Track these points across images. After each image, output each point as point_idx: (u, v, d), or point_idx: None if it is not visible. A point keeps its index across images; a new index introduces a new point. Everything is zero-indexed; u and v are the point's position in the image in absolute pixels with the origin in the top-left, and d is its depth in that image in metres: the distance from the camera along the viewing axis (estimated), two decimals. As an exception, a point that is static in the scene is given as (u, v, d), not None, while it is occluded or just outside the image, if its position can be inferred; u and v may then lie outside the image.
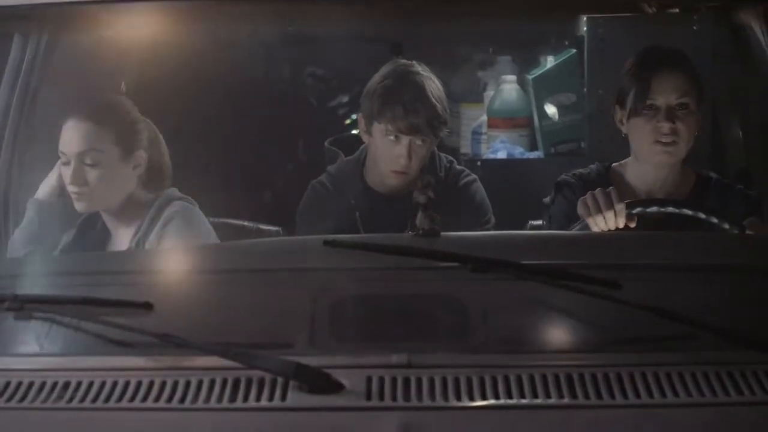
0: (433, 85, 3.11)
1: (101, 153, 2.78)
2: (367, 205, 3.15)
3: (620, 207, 2.70)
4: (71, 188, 2.80)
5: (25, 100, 3.04)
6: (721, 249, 2.30)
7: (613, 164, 3.03)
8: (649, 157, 2.92)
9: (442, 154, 3.27)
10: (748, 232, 2.65)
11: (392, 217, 3.02)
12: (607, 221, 2.69)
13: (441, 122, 3.10)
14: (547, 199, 3.05)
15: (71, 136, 2.80)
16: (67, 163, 2.80)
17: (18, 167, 3.05)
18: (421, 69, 3.14)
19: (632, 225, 2.71)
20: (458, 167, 3.28)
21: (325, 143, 3.59)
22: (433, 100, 3.08)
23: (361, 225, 3.11)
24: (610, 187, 2.75)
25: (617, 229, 2.70)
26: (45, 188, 2.95)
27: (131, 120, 2.86)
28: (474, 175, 3.26)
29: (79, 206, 2.84)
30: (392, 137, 3.07)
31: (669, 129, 2.85)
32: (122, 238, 2.86)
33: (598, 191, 2.73)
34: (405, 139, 3.07)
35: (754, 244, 2.48)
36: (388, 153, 3.09)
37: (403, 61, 3.19)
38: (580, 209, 2.73)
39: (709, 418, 1.51)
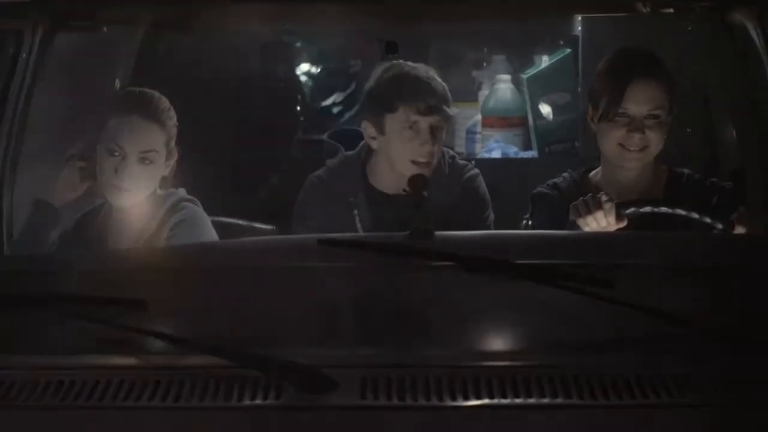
0: (431, 70, 3.15)
1: (157, 153, 2.86)
2: (366, 202, 3.14)
3: (611, 210, 2.72)
4: (119, 182, 2.83)
5: (19, 98, 3.03)
6: (713, 248, 2.31)
7: (590, 173, 3.05)
8: (616, 161, 2.94)
9: (445, 149, 3.27)
10: (737, 226, 2.67)
11: (392, 216, 3.02)
12: (599, 224, 2.71)
13: (449, 101, 3.12)
14: (527, 215, 3.06)
15: (132, 132, 2.83)
16: (120, 158, 2.83)
17: (13, 165, 3.05)
18: (412, 63, 3.16)
19: (622, 225, 2.73)
20: (461, 161, 3.28)
21: (324, 136, 3.59)
22: (438, 79, 3.12)
23: (360, 223, 3.11)
24: (601, 192, 2.77)
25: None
26: (53, 190, 2.96)
27: (174, 123, 2.93)
28: (476, 170, 3.26)
29: (117, 200, 2.89)
30: (410, 127, 3.06)
31: (638, 139, 2.88)
32: (128, 233, 2.87)
33: (589, 197, 2.75)
34: (425, 123, 3.06)
35: (745, 243, 2.49)
36: (409, 145, 3.07)
37: (393, 61, 3.20)
38: (573, 214, 2.74)
39: (703, 418, 1.51)
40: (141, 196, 2.88)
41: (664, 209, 2.73)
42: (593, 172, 3.05)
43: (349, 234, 2.76)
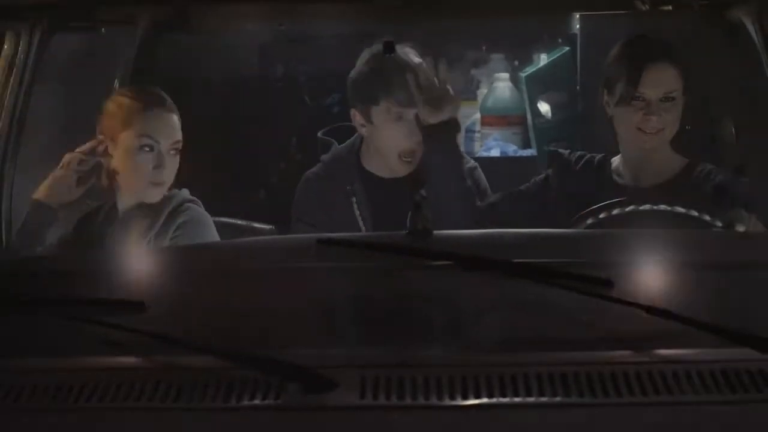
0: (412, 53, 3.11)
1: (180, 143, 2.87)
2: (363, 189, 3.15)
3: None
4: (158, 178, 2.84)
5: (18, 99, 3.03)
6: (713, 245, 2.31)
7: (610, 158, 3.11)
8: (633, 143, 3.00)
9: None
10: (736, 223, 2.68)
11: (390, 200, 3.02)
12: None
13: (443, 95, 3.00)
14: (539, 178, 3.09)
15: (160, 124, 2.85)
16: (155, 152, 2.84)
17: (11, 166, 3.05)
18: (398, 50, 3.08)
19: None
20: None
21: (319, 134, 3.60)
22: (426, 71, 3.01)
23: (359, 210, 3.12)
24: None
25: (610, 227, 2.73)
26: (45, 188, 2.95)
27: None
28: (475, 162, 3.27)
29: (154, 194, 2.90)
30: (396, 119, 3.07)
31: (655, 121, 2.94)
32: (132, 234, 2.88)
33: None
34: (410, 114, 3.06)
35: (747, 241, 2.49)
36: (395, 136, 3.08)
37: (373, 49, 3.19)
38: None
39: (704, 416, 1.51)
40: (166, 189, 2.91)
41: (662, 207, 2.74)
42: (614, 158, 3.11)
43: (348, 234, 2.77)
